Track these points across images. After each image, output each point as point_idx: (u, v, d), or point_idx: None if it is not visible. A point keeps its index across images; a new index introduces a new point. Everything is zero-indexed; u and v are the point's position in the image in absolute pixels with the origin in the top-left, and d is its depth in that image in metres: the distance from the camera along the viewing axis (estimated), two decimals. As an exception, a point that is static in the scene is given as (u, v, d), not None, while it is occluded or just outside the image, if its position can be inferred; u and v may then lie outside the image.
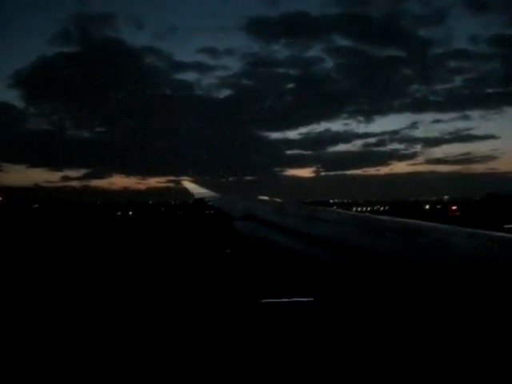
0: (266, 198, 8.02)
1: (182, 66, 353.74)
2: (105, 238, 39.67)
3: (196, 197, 10.75)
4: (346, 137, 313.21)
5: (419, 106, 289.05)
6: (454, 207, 78.61)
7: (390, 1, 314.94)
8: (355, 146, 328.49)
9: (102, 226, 54.33)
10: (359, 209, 78.80)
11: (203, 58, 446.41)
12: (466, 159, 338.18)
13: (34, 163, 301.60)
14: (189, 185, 12.27)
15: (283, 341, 9.94)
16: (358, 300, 1.73)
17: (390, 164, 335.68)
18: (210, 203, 9.12)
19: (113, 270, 21.09)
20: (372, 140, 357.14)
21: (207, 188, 11.07)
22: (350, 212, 5.12)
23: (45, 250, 28.82)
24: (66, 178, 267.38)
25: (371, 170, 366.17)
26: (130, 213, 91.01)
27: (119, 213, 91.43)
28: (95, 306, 13.91)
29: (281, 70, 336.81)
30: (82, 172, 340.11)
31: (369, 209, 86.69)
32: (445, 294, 1.41)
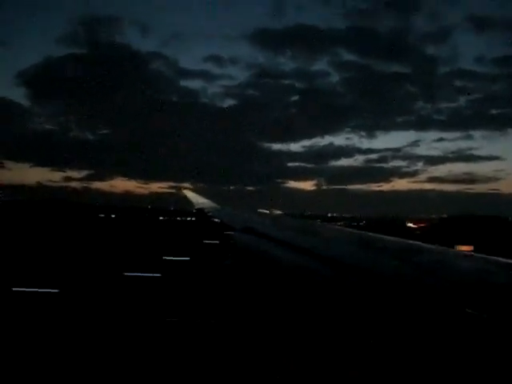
0: (265, 210, 8.43)
1: (188, 74, 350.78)
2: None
3: (196, 207, 10.93)
4: (349, 151, 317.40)
5: (423, 123, 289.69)
6: (411, 224, 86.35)
7: (398, 17, 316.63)
8: (357, 161, 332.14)
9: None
10: (340, 223, 79.87)
11: (209, 67, 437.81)
12: (468, 179, 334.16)
13: (38, 162, 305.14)
14: (190, 194, 12.45)
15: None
16: (350, 311, 1.85)
17: (391, 181, 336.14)
18: (210, 214, 9.36)
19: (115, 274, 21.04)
20: (374, 156, 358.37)
21: (207, 198, 11.26)
22: (344, 228, 5.51)
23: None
24: (68, 179, 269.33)
25: (372, 186, 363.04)
26: (113, 216, 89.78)
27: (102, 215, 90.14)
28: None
29: (286, 82, 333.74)
30: (84, 173, 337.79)
31: (354, 224, 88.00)
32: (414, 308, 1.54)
